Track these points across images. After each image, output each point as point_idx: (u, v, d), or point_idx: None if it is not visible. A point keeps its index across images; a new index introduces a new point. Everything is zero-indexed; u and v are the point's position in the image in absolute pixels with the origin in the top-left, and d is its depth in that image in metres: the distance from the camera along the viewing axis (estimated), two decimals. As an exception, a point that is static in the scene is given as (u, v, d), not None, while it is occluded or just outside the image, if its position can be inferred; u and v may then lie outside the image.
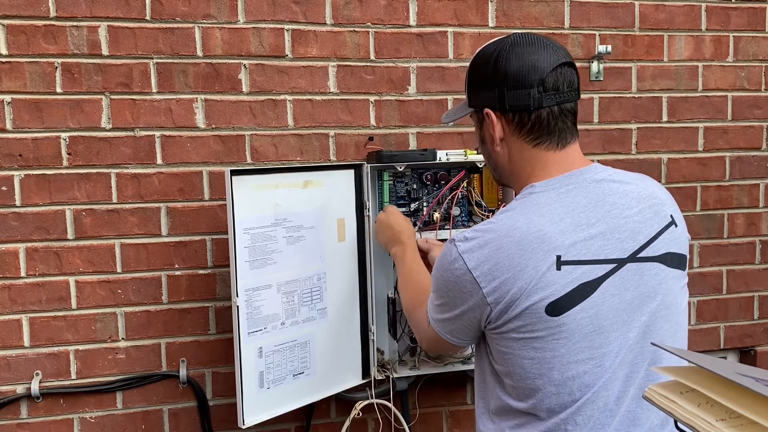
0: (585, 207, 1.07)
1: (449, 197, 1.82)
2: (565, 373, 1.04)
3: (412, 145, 1.98)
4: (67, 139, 1.78)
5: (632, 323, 1.06)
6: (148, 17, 1.80)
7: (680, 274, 1.13)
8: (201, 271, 1.87)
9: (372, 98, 1.94)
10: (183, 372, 1.86)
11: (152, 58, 1.81)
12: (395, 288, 1.82)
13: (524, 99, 1.09)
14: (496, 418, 1.14)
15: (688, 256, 1.16)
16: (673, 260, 1.11)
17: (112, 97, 1.80)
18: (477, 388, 1.22)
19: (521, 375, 1.07)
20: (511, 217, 1.08)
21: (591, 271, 1.04)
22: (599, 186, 1.10)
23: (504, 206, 1.16)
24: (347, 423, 1.80)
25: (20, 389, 1.79)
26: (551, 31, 2.04)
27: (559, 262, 1.03)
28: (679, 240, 1.13)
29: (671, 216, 1.13)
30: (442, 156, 1.79)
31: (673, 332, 1.11)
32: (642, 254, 1.08)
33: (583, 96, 2.09)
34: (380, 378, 1.82)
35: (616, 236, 1.06)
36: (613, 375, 1.05)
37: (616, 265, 1.05)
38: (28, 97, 1.75)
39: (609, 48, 2.04)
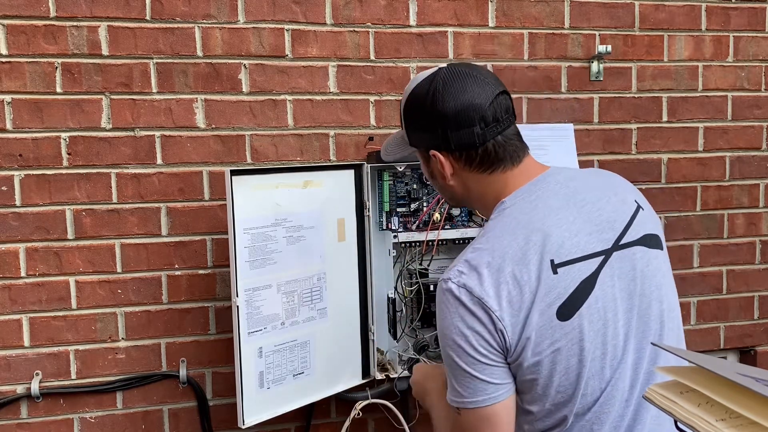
0: (559, 208, 1.08)
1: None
2: (588, 373, 1.05)
3: (412, 145, 1.97)
4: (67, 139, 1.78)
5: (632, 310, 1.08)
6: (148, 17, 1.80)
7: (662, 254, 1.14)
8: (201, 271, 1.87)
9: (372, 98, 1.94)
10: (183, 372, 1.86)
11: (152, 58, 1.81)
12: (395, 288, 1.82)
13: (468, 137, 1.09)
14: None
15: (662, 236, 1.17)
16: (652, 241, 1.13)
17: (112, 97, 1.80)
18: None
19: (551, 393, 1.06)
20: (496, 236, 1.07)
21: (585, 267, 1.05)
22: (565, 185, 1.11)
23: (481, 230, 1.13)
24: (347, 423, 1.80)
25: (20, 389, 1.79)
26: (551, 31, 2.04)
27: (554, 266, 1.03)
28: (650, 221, 1.15)
29: (635, 201, 1.15)
30: (442, 156, 1.79)
31: (669, 310, 1.12)
32: (623, 241, 1.09)
33: (583, 96, 2.09)
34: (380, 378, 1.82)
35: (596, 229, 1.08)
36: (624, 364, 1.06)
37: (604, 256, 1.06)
38: (28, 97, 1.75)
39: (609, 48, 2.04)
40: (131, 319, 1.84)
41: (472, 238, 1.81)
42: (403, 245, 1.82)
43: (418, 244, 1.81)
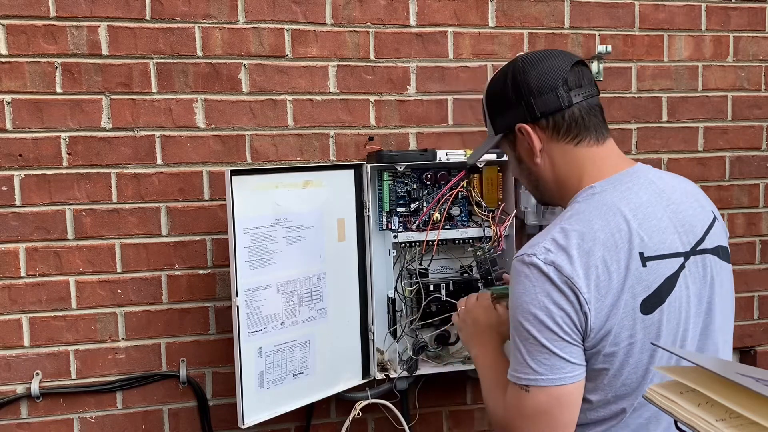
0: (648, 203, 1.09)
1: (447, 197, 1.82)
2: (655, 371, 1.05)
3: (412, 145, 1.97)
4: (67, 139, 1.78)
5: (699, 315, 1.10)
6: (148, 17, 1.80)
7: (728, 267, 1.17)
8: (201, 271, 1.87)
9: (372, 98, 1.94)
10: (183, 372, 1.86)
11: (152, 58, 1.81)
12: (395, 287, 1.82)
13: (553, 101, 1.11)
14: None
15: (729, 251, 1.20)
16: (723, 253, 1.15)
17: (112, 97, 1.80)
18: None
19: (616, 385, 1.06)
20: (587, 219, 1.06)
21: (669, 265, 1.06)
22: (653, 183, 1.13)
23: (565, 211, 1.11)
24: (347, 423, 1.80)
25: (20, 389, 1.79)
26: (551, 31, 2.04)
27: (643, 258, 1.04)
28: (721, 234, 1.17)
29: (712, 212, 1.18)
30: (442, 156, 1.79)
31: (727, 321, 1.16)
32: (701, 247, 1.11)
33: (583, 96, 2.09)
34: (380, 378, 1.82)
35: (679, 230, 1.09)
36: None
37: (683, 258, 1.08)
38: (28, 97, 1.75)
39: (609, 48, 2.04)
40: (131, 319, 1.84)
41: (473, 238, 1.83)
42: (403, 245, 1.82)
43: (418, 244, 1.81)
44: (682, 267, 1.07)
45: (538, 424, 1.04)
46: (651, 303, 1.03)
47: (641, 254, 1.04)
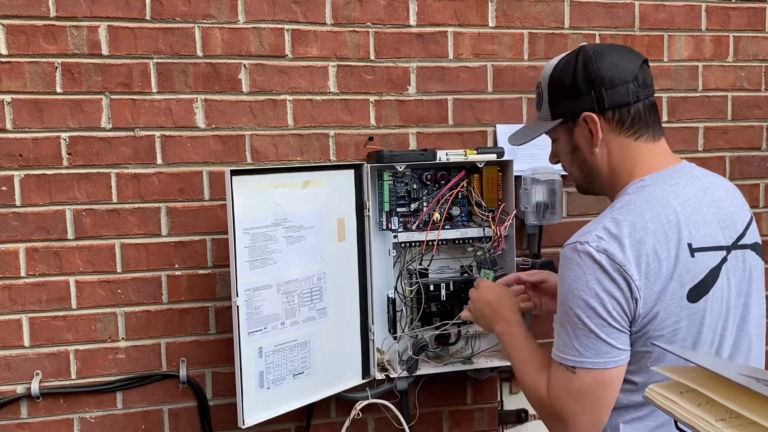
0: (695, 198, 1.14)
1: (447, 197, 1.82)
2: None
3: (412, 145, 1.97)
4: (67, 139, 1.78)
5: (738, 307, 1.15)
6: (148, 17, 1.80)
7: (763, 266, 1.22)
8: (201, 271, 1.87)
9: (372, 98, 1.94)
10: (183, 372, 1.86)
11: (152, 58, 1.81)
12: (395, 287, 1.82)
13: (624, 95, 1.15)
14: (611, 415, 1.14)
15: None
16: (759, 250, 1.20)
17: (112, 97, 1.80)
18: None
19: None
20: (638, 210, 1.11)
21: (714, 257, 1.11)
22: (699, 179, 1.18)
23: (616, 203, 1.16)
24: (347, 423, 1.80)
25: (20, 389, 1.79)
26: (551, 31, 2.04)
27: (692, 249, 1.09)
28: (757, 232, 1.22)
29: (749, 210, 1.23)
30: (442, 156, 1.79)
31: (759, 317, 1.20)
32: (741, 242, 1.16)
33: (583, 96, 2.09)
34: (380, 378, 1.82)
35: (722, 225, 1.14)
36: (723, 356, 1.13)
37: (726, 252, 1.13)
38: (28, 97, 1.75)
39: (609, 48, 2.04)
40: (131, 319, 1.84)
41: (473, 238, 1.83)
42: (403, 245, 1.82)
43: (418, 244, 1.81)
44: (724, 260, 1.12)
45: (583, 403, 1.10)
46: (697, 292, 1.08)
47: (689, 245, 1.09)
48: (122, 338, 1.84)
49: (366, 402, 1.79)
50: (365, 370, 1.82)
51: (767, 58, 2.23)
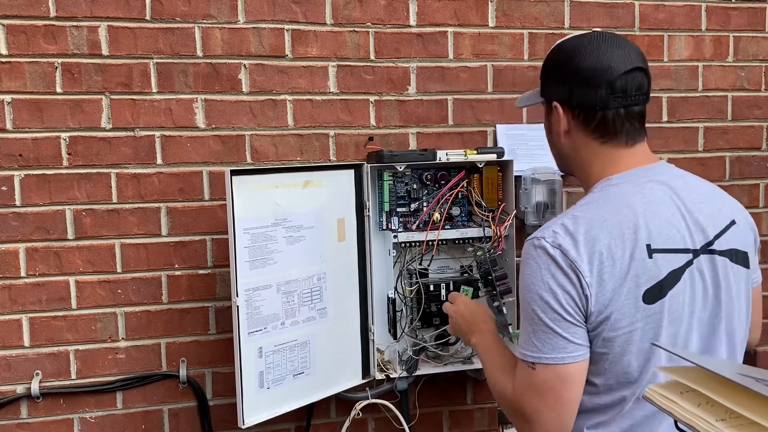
0: (661, 199, 1.12)
1: (447, 197, 1.82)
2: (657, 362, 1.07)
3: (412, 145, 1.97)
4: (67, 139, 1.78)
5: (705, 313, 1.11)
6: (148, 17, 1.80)
7: (744, 271, 1.17)
8: (201, 271, 1.87)
9: (372, 98, 1.94)
10: (183, 372, 1.86)
11: (152, 58, 1.81)
12: (395, 288, 1.82)
13: (591, 98, 1.13)
14: (576, 418, 1.12)
15: (751, 254, 1.19)
16: (737, 257, 1.16)
17: (112, 97, 1.80)
18: None
19: (617, 372, 1.08)
20: (598, 208, 1.10)
21: (676, 260, 1.08)
22: (671, 181, 1.15)
23: (581, 200, 1.16)
24: (347, 423, 1.80)
25: (20, 389, 1.79)
26: (551, 31, 2.04)
27: (650, 250, 1.07)
28: (741, 238, 1.17)
29: (731, 214, 1.18)
30: (442, 156, 1.79)
31: (734, 322, 1.15)
32: (712, 247, 1.12)
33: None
34: (380, 378, 1.82)
35: (691, 228, 1.11)
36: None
37: (692, 255, 1.10)
38: (28, 97, 1.75)
39: (609, 48, 2.04)
40: (131, 319, 1.84)
41: (473, 238, 1.82)
42: (403, 245, 1.82)
43: (418, 244, 1.81)
44: (689, 263, 1.09)
45: (544, 399, 1.09)
46: (654, 294, 1.06)
47: (648, 246, 1.06)
48: (122, 338, 1.84)
49: (366, 402, 1.79)
50: (365, 370, 1.82)
51: (767, 58, 2.23)
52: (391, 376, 1.81)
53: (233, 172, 1.55)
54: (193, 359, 1.88)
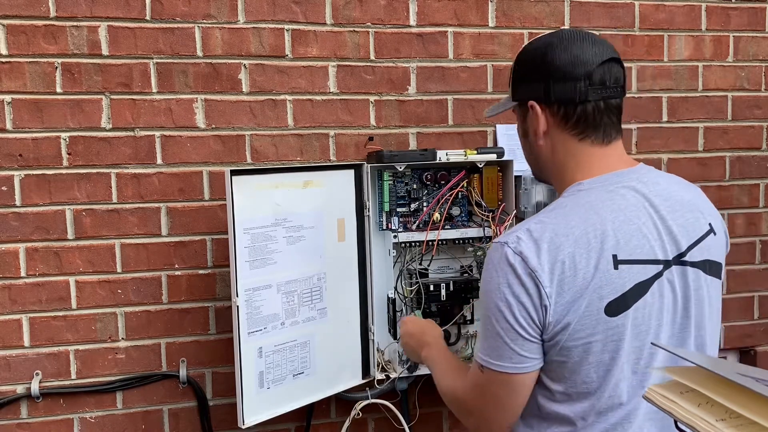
0: (633, 207, 1.08)
1: (447, 197, 1.82)
2: (619, 374, 1.05)
3: (412, 145, 1.98)
4: (67, 139, 1.78)
5: (675, 326, 1.08)
6: (148, 17, 1.80)
7: (716, 283, 1.14)
8: (201, 271, 1.87)
9: (372, 98, 1.94)
10: (183, 372, 1.86)
11: (152, 58, 1.81)
12: (395, 288, 1.82)
13: (570, 92, 1.10)
14: (535, 423, 1.12)
15: (723, 265, 1.16)
16: (711, 268, 1.12)
17: (112, 97, 1.80)
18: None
19: (576, 381, 1.06)
20: (564, 215, 1.07)
21: (643, 271, 1.04)
22: (645, 187, 1.11)
23: (550, 204, 1.13)
24: (347, 423, 1.80)
25: (20, 389, 1.79)
26: (551, 31, 2.04)
27: (616, 261, 1.03)
28: (716, 248, 1.14)
29: (710, 224, 1.14)
30: (442, 156, 1.79)
31: (705, 335, 1.12)
32: (684, 258, 1.09)
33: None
34: (380, 378, 1.82)
35: (663, 238, 1.08)
36: (655, 377, 1.06)
37: (663, 266, 1.06)
38: (28, 97, 1.75)
39: (609, 48, 2.04)
40: (131, 319, 1.84)
41: (473, 238, 1.82)
42: (403, 245, 1.81)
43: (418, 244, 1.81)
44: (658, 275, 1.05)
45: (489, 400, 1.11)
46: (617, 306, 1.02)
47: (614, 256, 1.03)
48: (122, 338, 1.84)
49: (366, 402, 1.79)
50: (365, 370, 1.82)
51: (767, 58, 2.23)
52: (391, 376, 1.81)
53: (233, 172, 1.55)
54: (193, 359, 1.88)
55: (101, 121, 1.79)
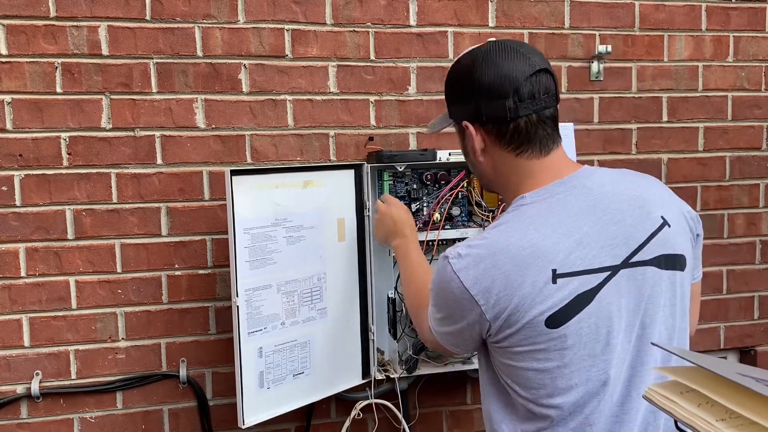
0: (576, 215, 1.06)
1: (447, 197, 1.82)
2: (569, 382, 1.05)
3: (412, 145, 1.98)
4: (67, 139, 1.78)
5: (630, 328, 1.07)
6: (148, 17, 1.80)
7: (678, 275, 1.11)
8: (201, 271, 1.87)
9: (372, 98, 1.94)
10: (183, 372, 1.86)
11: (152, 58, 1.81)
12: (395, 288, 1.82)
13: (500, 110, 1.08)
14: (515, 420, 1.12)
15: (687, 254, 1.13)
16: (668, 262, 1.10)
17: (112, 97, 1.80)
18: (490, 389, 1.17)
19: (527, 386, 1.07)
20: (505, 231, 1.07)
21: (587, 282, 1.03)
22: (590, 192, 1.09)
23: (497, 219, 1.14)
24: (347, 423, 1.80)
25: (20, 389, 1.79)
26: (551, 31, 2.04)
27: (555, 276, 1.02)
28: (673, 240, 1.10)
29: (662, 217, 1.11)
30: (442, 156, 1.79)
31: (669, 333, 1.11)
32: (634, 259, 1.07)
33: (583, 96, 2.09)
34: (380, 378, 1.82)
35: (609, 243, 1.06)
36: (616, 381, 1.06)
37: (610, 272, 1.05)
38: (28, 97, 1.75)
39: (609, 48, 2.04)
40: (131, 319, 1.84)
41: (472, 238, 1.82)
42: (403, 245, 1.81)
43: (418, 244, 1.81)
44: (604, 282, 1.04)
45: (431, 343, 1.25)
46: (558, 318, 1.02)
47: (554, 271, 1.02)
48: (122, 338, 1.84)
49: (366, 402, 1.79)
50: (365, 370, 1.82)
51: (767, 58, 2.23)
52: (391, 376, 1.81)
53: (233, 172, 1.55)
54: (193, 359, 1.88)
55: (101, 121, 1.79)
